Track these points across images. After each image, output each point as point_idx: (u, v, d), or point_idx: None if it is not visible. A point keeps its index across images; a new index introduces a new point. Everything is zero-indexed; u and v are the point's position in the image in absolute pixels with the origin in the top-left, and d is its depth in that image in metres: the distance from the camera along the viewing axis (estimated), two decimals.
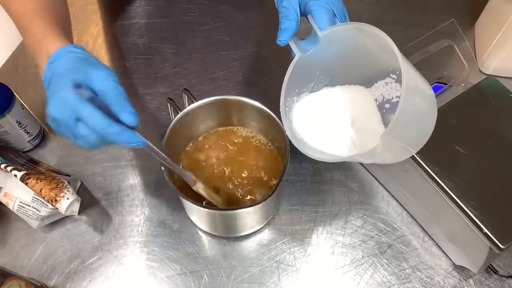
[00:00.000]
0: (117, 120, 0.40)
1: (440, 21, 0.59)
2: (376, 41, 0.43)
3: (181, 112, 0.55)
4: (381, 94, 0.50)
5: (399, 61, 0.39)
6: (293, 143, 0.48)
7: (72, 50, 0.44)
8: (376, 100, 0.50)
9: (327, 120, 0.50)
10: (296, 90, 0.51)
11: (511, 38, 0.68)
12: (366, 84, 0.51)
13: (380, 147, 0.40)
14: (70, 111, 0.39)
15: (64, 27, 0.50)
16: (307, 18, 0.48)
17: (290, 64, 0.48)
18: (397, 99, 0.48)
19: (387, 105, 0.49)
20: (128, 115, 0.40)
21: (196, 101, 0.55)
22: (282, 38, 0.47)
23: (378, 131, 0.48)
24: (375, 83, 0.50)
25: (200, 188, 0.53)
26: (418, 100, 0.43)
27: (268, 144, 0.60)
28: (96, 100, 0.41)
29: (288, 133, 0.48)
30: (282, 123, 0.52)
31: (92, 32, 0.80)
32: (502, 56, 0.70)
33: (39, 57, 0.46)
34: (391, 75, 0.48)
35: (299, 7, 0.48)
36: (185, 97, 0.57)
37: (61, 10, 0.53)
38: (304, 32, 0.50)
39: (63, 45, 0.44)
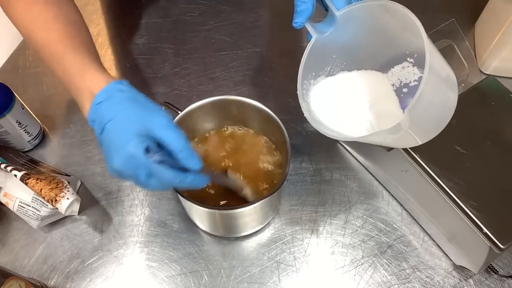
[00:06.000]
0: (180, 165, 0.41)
1: (440, 21, 0.59)
2: (399, 19, 0.42)
3: (181, 112, 0.55)
4: (398, 78, 0.49)
5: (422, 36, 0.38)
6: (312, 124, 0.46)
7: (119, 88, 0.43)
8: (393, 85, 0.50)
9: (345, 104, 0.50)
10: (313, 73, 0.51)
11: (511, 38, 0.68)
12: (382, 69, 0.50)
13: (405, 121, 0.39)
14: (140, 168, 0.40)
15: (97, 56, 0.48)
16: (323, 1, 0.47)
17: (307, 46, 0.47)
18: (415, 82, 0.47)
19: (405, 89, 0.49)
20: (195, 162, 0.42)
21: (180, 111, 0.55)
22: (299, 20, 0.46)
23: (396, 114, 0.47)
24: (391, 68, 0.49)
25: (248, 191, 0.54)
26: (440, 77, 0.42)
27: (269, 144, 0.60)
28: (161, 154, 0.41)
29: (306, 115, 0.47)
30: (283, 125, 0.52)
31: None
32: (502, 56, 0.70)
33: (79, 93, 0.44)
34: (408, 59, 0.48)
35: None
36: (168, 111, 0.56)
37: (87, 35, 0.51)
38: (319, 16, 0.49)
39: (107, 82, 0.43)
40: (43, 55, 0.48)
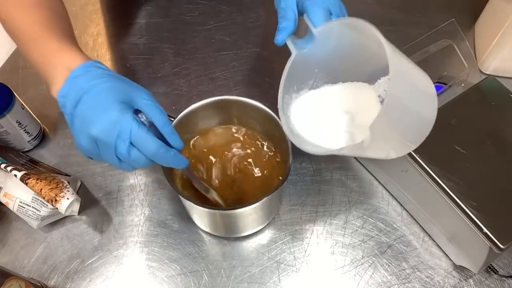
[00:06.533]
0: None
1: (440, 21, 0.59)
2: (370, 36, 0.42)
3: (181, 113, 0.55)
4: (385, 90, 0.49)
5: (383, 45, 0.38)
6: (290, 138, 0.47)
7: (97, 65, 0.42)
8: (379, 96, 0.50)
9: (326, 116, 0.50)
10: (295, 87, 0.51)
11: (511, 38, 0.68)
12: (369, 81, 0.51)
13: (368, 139, 0.39)
14: (122, 135, 0.38)
15: (75, 42, 0.48)
16: (303, 17, 0.48)
17: (287, 62, 0.48)
18: None
19: None
20: (177, 139, 0.42)
21: (173, 118, 0.55)
22: (279, 37, 0.48)
23: None
24: (378, 80, 0.50)
25: (214, 195, 0.54)
26: (412, 88, 0.42)
27: (269, 144, 0.60)
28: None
29: (284, 128, 0.48)
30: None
31: (92, 32, 0.80)
32: (502, 56, 0.70)
33: (53, 70, 0.43)
34: None
35: (297, 7, 0.48)
36: None
37: (66, 22, 0.51)
38: (306, 31, 0.50)
39: (84, 60, 0.43)
40: (19, 38, 0.47)
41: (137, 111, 0.41)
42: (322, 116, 0.50)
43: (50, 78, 0.44)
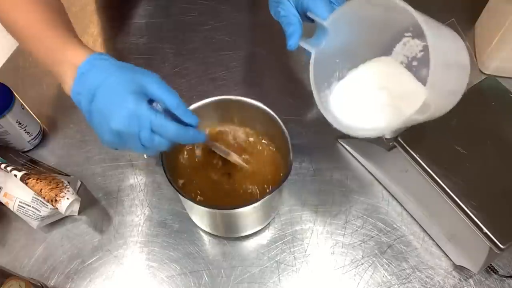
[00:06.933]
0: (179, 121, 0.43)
1: (440, 21, 0.59)
2: (379, 3, 0.43)
3: None
4: (404, 55, 0.50)
5: (409, 11, 0.39)
6: (345, 132, 0.47)
7: (101, 57, 0.43)
8: (402, 63, 0.50)
9: (367, 100, 0.50)
10: (326, 84, 0.51)
11: (511, 38, 0.68)
12: (386, 53, 0.51)
13: (430, 95, 0.39)
14: (143, 124, 0.40)
15: (77, 36, 0.48)
16: (307, 16, 0.48)
17: (310, 63, 0.48)
18: (421, 53, 0.48)
19: (414, 63, 0.49)
20: (192, 117, 0.44)
21: None
22: (292, 42, 0.48)
23: (418, 88, 0.47)
24: (393, 49, 0.50)
25: (236, 157, 0.56)
26: (446, 41, 0.43)
27: (269, 144, 0.60)
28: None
29: (335, 125, 0.47)
30: (283, 125, 0.52)
31: (92, 32, 0.80)
32: (502, 56, 0.70)
33: (61, 69, 0.44)
34: (405, 34, 0.48)
35: (297, 11, 0.49)
36: None
37: (65, 16, 0.51)
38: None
39: (89, 54, 0.43)
40: (22, 37, 0.48)
41: (150, 101, 0.43)
42: (363, 102, 0.50)
43: (59, 77, 0.45)
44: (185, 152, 0.59)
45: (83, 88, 0.42)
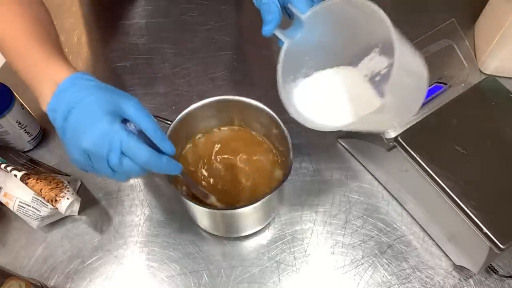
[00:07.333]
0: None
1: (440, 21, 0.59)
2: (358, 5, 0.43)
3: (182, 113, 0.55)
4: (368, 69, 0.50)
5: (385, 22, 0.40)
6: (306, 125, 0.47)
7: (84, 77, 0.42)
8: (366, 75, 0.51)
9: (328, 101, 0.51)
10: (292, 77, 0.52)
11: (511, 38, 0.68)
12: (353, 63, 0.52)
13: (388, 100, 0.41)
14: (114, 144, 0.38)
15: (63, 53, 0.47)
16: (287, 11, 0.49)
17: (280, 53, 0.49)
18: (385, 70, 0.49)
19: (377, 78, 0.50)
20: (169, 145, 0.42)
21: (170, 122, 0.55)
22: (267, 28, 0.49)
23: (374, 102, 0.48)
24: (361, 62, 0.51)
25: (214, 201, 0.54)
26: (410, 58, 0.44)
27: (269, 144, 0.60)
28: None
29: (295, 116, 0.48)
30: (283, 125, 0.52)
31: (92, 33, 0.80)
32: (502, 56, 0.70)
33: (40, 84, 0.43)
34: (374, 49, 0.49)
35: (278, 1, 0.49)
36: None
37: (51, 31, 0.49)
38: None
39: (71, 72, 0.42)
40: (5, 49, 0.46)
41: (125, 120, 0.41)
42: (323, 102, 0.51)
43: (38, 92, 0.43)
44: (186, 153, 0.59)
45: (60, 105, 0.40)
